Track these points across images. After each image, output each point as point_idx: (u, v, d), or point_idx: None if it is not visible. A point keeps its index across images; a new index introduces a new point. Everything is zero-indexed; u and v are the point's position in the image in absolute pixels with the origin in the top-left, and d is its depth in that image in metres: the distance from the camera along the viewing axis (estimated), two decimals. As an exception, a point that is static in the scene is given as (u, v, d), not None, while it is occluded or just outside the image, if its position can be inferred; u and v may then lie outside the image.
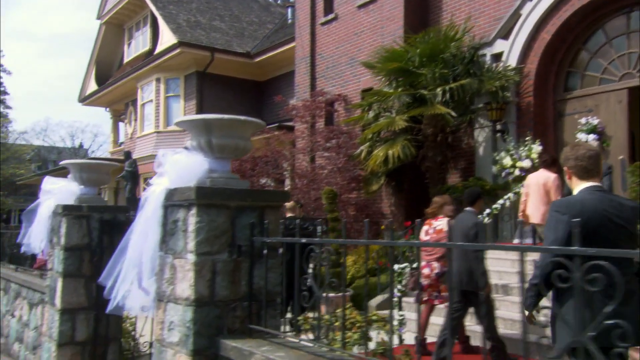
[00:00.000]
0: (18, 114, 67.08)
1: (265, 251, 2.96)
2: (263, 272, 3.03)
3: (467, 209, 5.37)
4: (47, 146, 45.70)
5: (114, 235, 5.02)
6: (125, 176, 13.81)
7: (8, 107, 28.15)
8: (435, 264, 5.59)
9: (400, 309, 6.43)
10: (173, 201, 3.07)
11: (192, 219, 2.92)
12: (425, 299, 5.59)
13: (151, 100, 18.40)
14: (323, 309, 6.32)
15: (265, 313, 2.93)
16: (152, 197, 3.16)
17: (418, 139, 9.25)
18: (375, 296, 7.93)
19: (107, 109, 23.46)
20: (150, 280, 3.20)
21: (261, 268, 3.03)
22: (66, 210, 4.81)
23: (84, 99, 22.74)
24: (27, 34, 73.49)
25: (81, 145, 47.88)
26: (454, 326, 5.04)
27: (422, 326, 5.47)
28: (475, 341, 5.75)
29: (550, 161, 6.05)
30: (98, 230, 4.93)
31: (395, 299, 6.50)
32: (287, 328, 3.43)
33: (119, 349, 5.03)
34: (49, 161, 42.68)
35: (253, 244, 2.99)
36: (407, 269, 6.46)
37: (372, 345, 4.13)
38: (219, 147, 3.09)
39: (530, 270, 3.00)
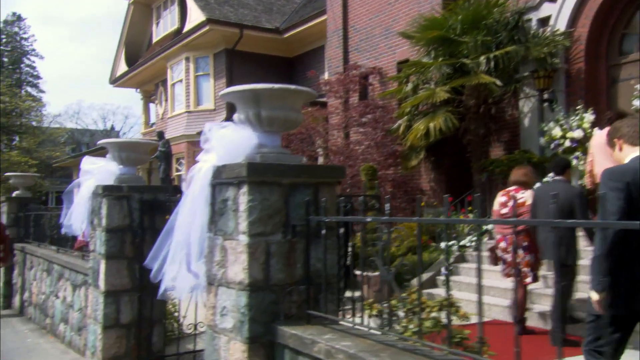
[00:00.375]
0: (51, 97, 68.36)
1: (323, 231, 2.74)
2: (320, 253, 2.82)
3: (557, 178, 5.03)
4: (80, 129, 46.49)
5: (155, 216, 4.90)
6: (158, 156, 13.79)
7: (41, 91, 28.61)
8: (513, 237, 5.22)
9: (448, 288, 6.15)
10: (221, 179, 2.87)
11: (243, 198, 2.71)
12: (506, 272, 5.29)
13: (181, 80, 18.30)
14: (365, 289, 6.13)
15: (326, 298, 2.72)
16: (199, 175, 2.96)
17: (459, 111, 8.85)
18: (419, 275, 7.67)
19: (138, 90, 23.51)
20: (199, 262, 3.03)
21: (318, 249, 2.82)
22: (106, 191, 4.69)
23: (115, 81, 22.82)
24: (57, 18, 74.43)
25: (112, 128, 48.58)
26: (564, 305, 4.76)
27: (520, 305, 5.17)
28: (532, 322, 5.48)
29: (615, 117, 5.60)
30: (139, 211, 4.81)
31: (442, 278, 6.24)
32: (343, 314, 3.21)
33: (163, 331, 4.94)
34: (82, 144, 43.46)
35: (309, 224, 2.77)
36: (455, 246, 6.20)
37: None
38: (269, 119, 2.86)
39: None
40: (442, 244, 6.38)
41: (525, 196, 5.21)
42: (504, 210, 5.36)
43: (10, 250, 8.38)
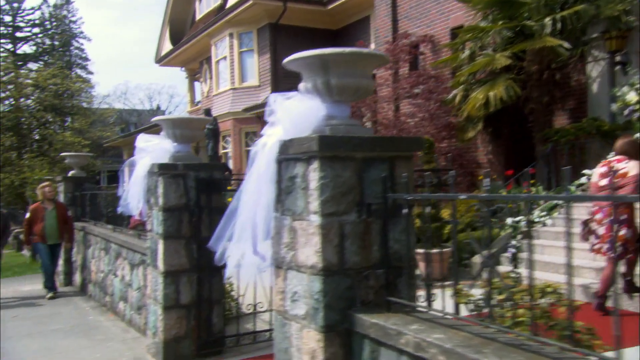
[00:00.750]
0: (99, 78, 70.10)
1: (405, 210, 2.48)
2: (397, 234, 2.57)
3: None
4: (128, 109, 47.52)
5: (211, 194, 4.77)
6: (207, 134, 13.78)
7: (90, 73, 29.24)
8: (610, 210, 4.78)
9: (515, 266, 5.82)
10: (288, 154, 2.64)
11: (314, 175, 2.48)
12: (597, 247, 4.88)
13: (225, 57, 18.20)
14: (422, 266, 5.86)
15: (408, 283, 2.47)
16: (264, 150, 2.74)
17: (520, 78, 8.31)
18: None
19: (183, 69, 23.64)
20: (265, 244, 2.84)
21: (395, 229, 2.57)
22: (162, 169, 4.57)
23: (160, 60, 22.99)
24: (104, 1, 75.72)
25: (158, 107, 49.43)
26: None
27: (605, 281, 4.79)
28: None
29: None
30: (195, 189, 4.68)
31: (508, 255, 5.90)
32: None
33: (222, 312, 4.85)
34: (131, 123, 44.46)
35: (387, 202, 2.51)
36: (522, 222, 5.83)
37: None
38: (339, 88, 2.60)
39: None
40: (509, 220, 6.03)
41: (629, 167, 4.75)
42: (603, 182, 4.91)
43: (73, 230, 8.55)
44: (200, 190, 4.69)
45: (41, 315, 6.83)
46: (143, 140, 4.74)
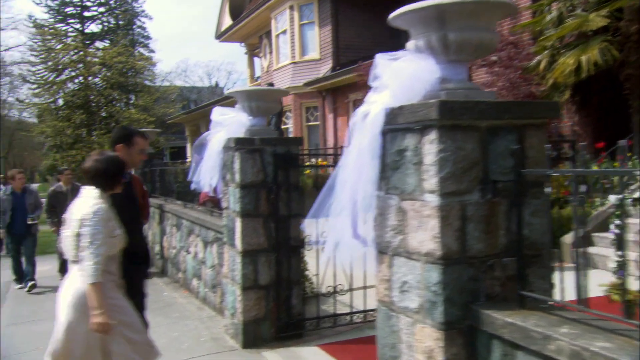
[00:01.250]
0: (161, 56, 71.82)
1: (548, 189, 2.09)
2: (529, 216, 2.18)
3: None
4: (188, 86, 48.39)
5: (289, 170, 4.51)
6: (269, 109, 13.57)
7: (152, 51, 29.76)
8: None
9: (619, 248, 5.23)
10: (397, 124, 2.29)
11: (430, 147, 2.12)
12: None
13: (285, 31, 17.88)
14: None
15: (541, 273, 2.09)
16: (366, 121, 2.40)
17: (615, 40, 7.49)
18: (568, 232, 6.75)
19: (242, 44, 23.54)
20: (366, 226, 2.52)
21: (526, 211, 2.18)
22: (239, 144, 4.34)
23: (220, 35, 22.97)
24: (161, -21, 76.99)
25: (217, 84, 50.06)
26: None
27: None
28: None
29: None
30: (272, 165, 4.43)
31: (612, 236, 5.31)
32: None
33: (302, 293, 4.62)
34: (191, 101, 45.29)
35: (519, 179, 2.12)
36: (629, 200, 5.24)
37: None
38: (458, 44, 2.20)
39: None
40: (612, 197, 5.44)
41: None
42: None
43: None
44: (278, 166, 4.44)
45: (117, 290, 6.92)
46: (218, 114, 4.52)
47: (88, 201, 2.95)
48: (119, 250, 3.03)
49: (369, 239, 2.52)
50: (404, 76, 2.28)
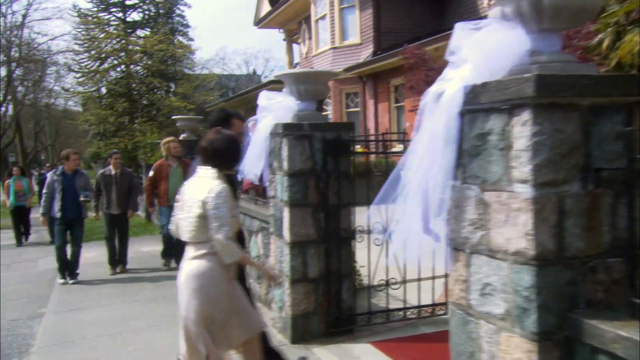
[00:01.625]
0: (200, 43, 72.47)
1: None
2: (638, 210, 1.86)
3: None
4: (226, 74, 48.63)
5: (339, 157, 4.26)
6: (310, 95, 13.33)
7: (190, 39, 29.89)
8: None
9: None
10: (479, 104, 2.00)
11: (521, 130, 1.83)
12: None
13: (325, 15, 17.55)
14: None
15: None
16: (442, 101, 2.12)
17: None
18: None
19: (281, 30, 23.32)
20: (438, 220, 2.25)
21: (635, 204, 1.86)
22: (287, 130, 4.11)
23: (259, 22, 22.81)
24: (199, -32, 77.36)
25: (254, 72, 50.14)
26: None
27: None
28: None
29: None
30: (321, 152, 4.19)
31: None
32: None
33: (352, 287, 4.39)
34: (229, 88, 45.53)
35: (631, 166, 1.81)
36: None
37: None
38: (554, 9, 1.89)
39: None
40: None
41: None
42: None
43: None
44: (327, 153, 4.20)
45: (160, 277, 6.86)
46: (265, 98, 4.29)
47: (207, 182, 2.87)
48: (235, 231, 2.97)
49: (441, 234, 2.25)
50: (488, 48, 1.99)
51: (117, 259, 7.40)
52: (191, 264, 2.89)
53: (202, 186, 2.86)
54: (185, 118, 9.68)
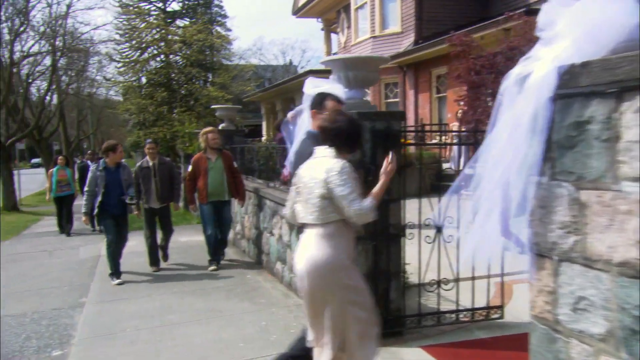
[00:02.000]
0: (237, 33, 72.72)
1: None
2: None
3: None
4: (263, 64, 48.67)
5: (389, 149, 3.97)
6: (349, 85, 13.03)
7: (228, 30, 29.89)
8: None
9: None
10: (576, 87, 1.71)
11: (633, 117, 1.53)
12: None
13: (365, 3, 17.17)
14: None
15: None
16: (529, 84, 1.83)
17: None
18: None
19: (319, 19, 23.04)
20: (519, 220, 1.97)
21: None
22: (335, 119, 3.86)
23: (297, 11, 22.59)
24: (237, -42, 77.52)
25: (291, 62, 50.02)
26: None
27: None
28: None
29: None
30: (370, 142, 3.93)
31: None
32: None
33: (401, 287, 4.14)
34: (265, 79, 45.56)
35: None
36: None
37: None
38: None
39: None
40: None
41: None
42: None
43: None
44: (377, 143, 3.94)
45: (199, 268, 6.76)
46: (312, 86, 4.05)
47: (326, 161, 2.80)
48: None
49: (522, 238, 1.97)
50: (588, 23, 1.69)
51: (159, 258, 6.96)
52: (318, 248, 2.80)
53: (321, 166, 2.79)
54: (224, 107, 9.57)
